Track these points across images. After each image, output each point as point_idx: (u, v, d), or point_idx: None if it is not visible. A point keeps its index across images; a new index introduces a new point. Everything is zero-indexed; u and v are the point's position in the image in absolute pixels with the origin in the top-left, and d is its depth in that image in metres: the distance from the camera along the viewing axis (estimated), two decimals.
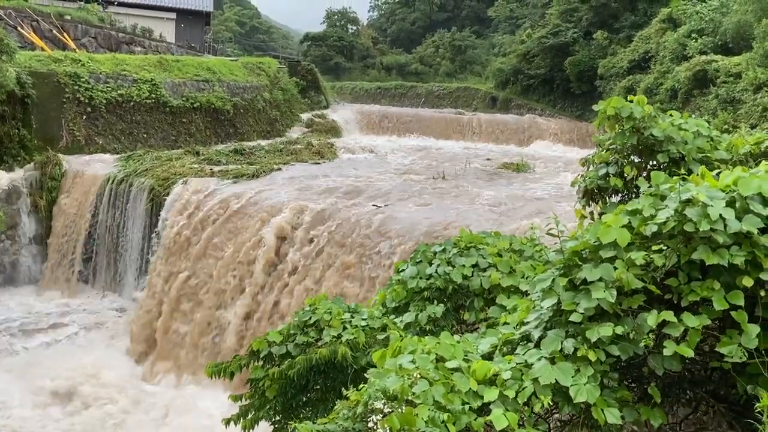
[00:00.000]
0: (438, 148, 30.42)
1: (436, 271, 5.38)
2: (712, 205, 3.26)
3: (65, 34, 28.32)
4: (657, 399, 3.41)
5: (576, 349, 3.34)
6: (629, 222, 3.53)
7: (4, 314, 16.06)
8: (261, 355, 5.17)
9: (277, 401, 4.98)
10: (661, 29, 31.94)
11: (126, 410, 12.20)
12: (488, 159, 25.04)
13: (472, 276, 5.32)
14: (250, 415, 5.13)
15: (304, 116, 32.74)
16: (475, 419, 3.17)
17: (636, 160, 5.12)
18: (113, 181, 17.93)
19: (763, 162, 3.94)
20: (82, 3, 33.49)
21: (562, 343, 3.40)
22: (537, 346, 3.52)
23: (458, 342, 3.70)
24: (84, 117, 20.88)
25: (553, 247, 4.69)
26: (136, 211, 17.26)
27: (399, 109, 44.33)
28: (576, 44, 39.63)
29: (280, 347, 5.09)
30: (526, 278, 5.03)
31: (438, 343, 3.62)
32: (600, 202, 5.30)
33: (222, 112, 25.73)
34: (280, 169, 19.11)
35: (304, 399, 5.07)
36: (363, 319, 5.14)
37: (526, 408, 3.27)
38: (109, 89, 21.68)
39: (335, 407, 3.43)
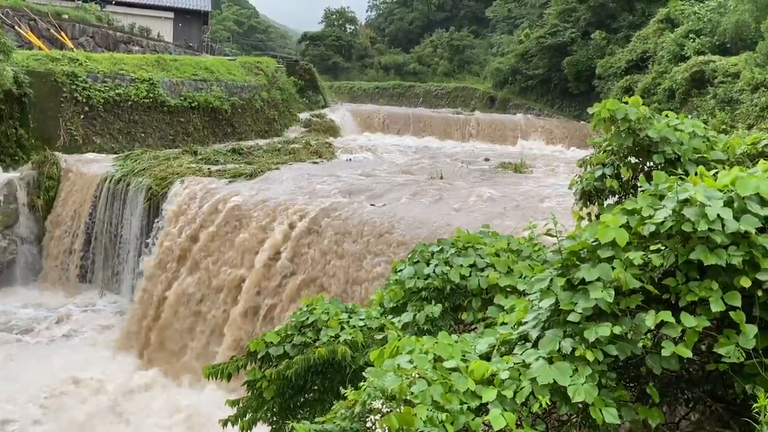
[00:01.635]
0: (436, 147, 30.41)
1: (434, 271, 5.37)
2: (710, 205, 3.26)
3: (63, 34, 28.28)
4: (655, 399, 3.41)
5: (574, 349, 3.34)
6: (627, 222, 3.53)
7: (1, 314, 16.04)
8: (258, 356, 5.16)
9: (274, 402, 4.97)
10: (659, 29, 31.97)
11: (116, 408, 12.22)
12: (486, 159, 25.05)
13: (470, 276, 5.31)
14: (247, 416, 5.11)
15: (302, 116, 32.71)
16: (473, 419, 3.17)
17: (632, 162, 5.12)
18: (111, 180, 17.90)
19: (761, 162, 3.94)
20: (80, 2, 33.43)
21: (560, 343, 3.40)
22: (535, 346, 3.52)
23: (456, 342, 3.70)
24: (81, 116, 20.84)
25: (551, 247, 4.69)
26: (133, 211, 17.23)
27: (397, 108, 44.32)
28: (574, 44, 39.67)
29: (278, 348, 5.07)
30: (524, 278, 5.03)
31: (436, 343, 3.62)
32: (597, 203, 5.30)
33: (220, 111, 25.70)
34: (278, 168, 19.07)
35: (302, 399, 5.06)
36: (361, 319, 5.12)
37: (524, 408, 3.27)
38: (107, 88, 21.64)
39: (333, 407, 3.43)
